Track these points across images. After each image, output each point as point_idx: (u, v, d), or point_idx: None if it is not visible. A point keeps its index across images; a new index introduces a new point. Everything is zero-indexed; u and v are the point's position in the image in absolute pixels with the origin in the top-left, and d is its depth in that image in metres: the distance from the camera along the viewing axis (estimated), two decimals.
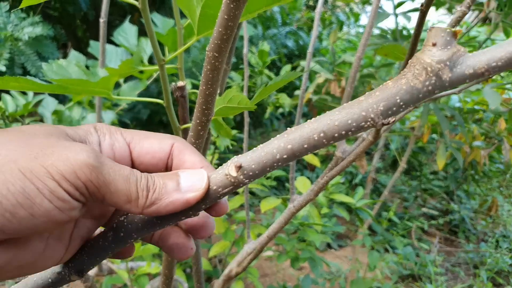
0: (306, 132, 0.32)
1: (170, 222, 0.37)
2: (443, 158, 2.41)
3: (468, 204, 3.51)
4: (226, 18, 0.50)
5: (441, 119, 2.16)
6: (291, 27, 3.75)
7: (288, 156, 0.33)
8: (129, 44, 1.39)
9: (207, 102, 0.59)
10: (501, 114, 2.59)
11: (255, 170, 0.33)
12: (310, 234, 1.54)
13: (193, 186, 0.34)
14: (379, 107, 0.30)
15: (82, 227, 0.39)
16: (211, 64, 0.55)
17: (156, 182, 0.34)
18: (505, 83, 2.20)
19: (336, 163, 1.07)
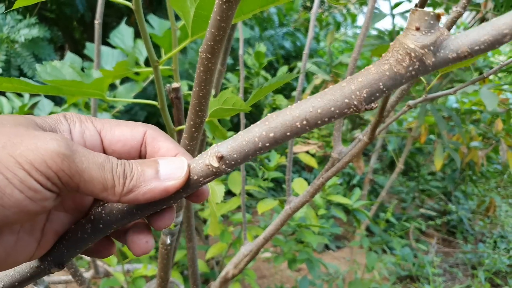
0: (288, 120, 0.32)
1: (149, 211, 0.36)
2: (440, 159, 2.41)
3: (466, 205, 3.51)
4: (219, 19, 0.50)
5: (439, 119, 2.16)
6: (288, 28, 3.75)
7: (270, 144, 0.33)
8: (125, 46, 1.39)
9: (200, 104, 0.58)
10: (498, 115, 2.60)
11: (237, 159, 0.33)
12: (307, 235, 1.54)
13: (172, 174, 0.33)
14: (362, 93, 0.30)
15: (55, 220, 0.38)
16: (204, 65, 0.55)
17: (134, 169, 0.33)
18: (502, 84, 2.20)
19: (333, 164, 1.07)
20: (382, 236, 2.77)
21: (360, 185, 3.40)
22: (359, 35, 1.03)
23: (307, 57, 1.18)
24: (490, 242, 2.86)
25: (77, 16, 2.83)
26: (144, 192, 0.33)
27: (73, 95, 0.74)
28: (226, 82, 2.40)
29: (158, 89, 0.75)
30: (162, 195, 0.33)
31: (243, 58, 1.17)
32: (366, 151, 4.07)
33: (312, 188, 1.03)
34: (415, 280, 2.58)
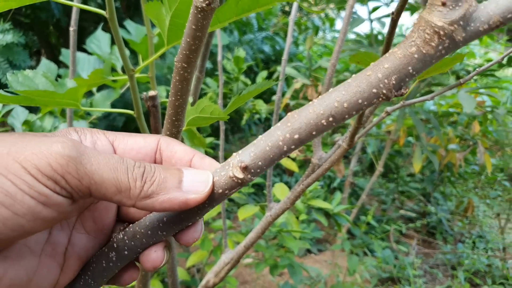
0: (312, 119, 0.30)
1: (175, 230, 0.34)
2: (419, 161, 2.44)
3: (445, 206, 3.56)
4: (194, 28, 0.49)
5: (417, 122, 2.19)
6: (268, 32, 3.76)
7: (295, 146, 0.31)
8: (102, 52, 1.37)
9: (177, 114, 0.57)
10: (475, 117, 2.64)
11: (262, 166, 0.31)
12: (288, 241, 1.53)
13: (196, 187, 0.32)
14: (391, 81, 0.28)
15: (76, 243, 0.36)
16: (180, 74, 0.54)
17: (156, 174, 0.32)
18: (479, 87, 2.24)
19: (313, 170, 1.07)
20: (363, 239, 2.79)
21: (341, 188, 3.42)
22: (337, 41, 1.03)
23: (286, 62, 1.17)
24: (469, 242, 2.90)
25: (52, 20, 2.78)
26: (162, 201, 0.31)
27: (46, 105, 0.73)
28: (205, 87, 2.39)
29: (133, 97, 0.74)
30: (181, 207, 0.32)
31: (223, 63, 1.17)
32: (346, 154, 4.09)
33: (292, 195, 1.03)
34: (396, 282, 2.60)
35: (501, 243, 3.02)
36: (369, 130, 0.93)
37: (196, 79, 0.96)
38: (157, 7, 0.65)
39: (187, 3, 0.58)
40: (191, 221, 0.34)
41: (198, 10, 0.48)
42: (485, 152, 2.51)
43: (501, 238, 3.05)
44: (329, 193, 3.37)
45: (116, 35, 0.69)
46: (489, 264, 2.84)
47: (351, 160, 2.96)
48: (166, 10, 0.64)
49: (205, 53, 0.94)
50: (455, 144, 2.74)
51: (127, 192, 0.30)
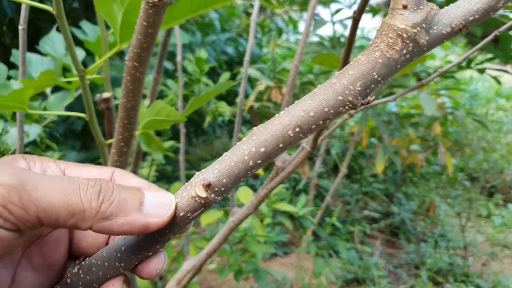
0: (278, 130, 0.28)
1: (134, 261, 0.31)
2: (382, 162, 2.47)
3: (408, 206, 3.63)
4: (146, 25, 0.46)
5: (379, 124, 2.21)
6: (231, 33, 3.73)
7: (262, 161, 0.29)
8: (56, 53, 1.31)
9: (129, 116, 0.54)
10: (436, 118, 2.70)
11: (227, 184, 0.29)
12: (253, 245, 1.51)
13: (158, 211, 0.29)
14: (356, 87, 0.27)
15: (22, 282, 0.33)
16: (131, 74, 0.50)
17: (115, 194, 0.29)
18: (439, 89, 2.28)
19: (277, 173, 1.04)
20: (328, 240, 2.79)
21: (306, 190, 3.42)
22: (300, 43, 1.02)
23: (249, 63, 1.15)
24: (431, 241, 2.96)
25: (5, 20, 2.65)
26: (121, 223, 0.28)
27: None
28: (166, 89, 2.33)
29: (85, 100, 0.70)
30: (141, 231, 0.29)
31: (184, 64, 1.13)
32: (310, 156, 4.12)
33: (256, 200, 1.00)
34: (361, 283, 2.62)
35: (462, 241, 3.10)
36: (332, 132, 0.91)
37: (154, 80, 0.92)
38: (109, 3, 0.61)
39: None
40: (151, 250, 0.31)
41: (150, 5, 0.45)
42: (446, 152, 2.57)
43: (462, 237, 3.13)
44: (294, 195, 3.38)
45: (64, 33, 0.64)
46: (450, 262, 2.91)
47: (316, 162, 2.97)
48: (118, 6, 0.60)
49: (163, 53, 0.90)
50: (417, 145, 2.79)
51: (81, 214, 0.27)
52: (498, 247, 2.99)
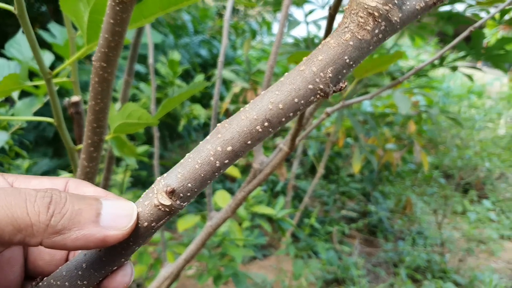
0: (245, 126, 0.26)
1: (98, 277, 0.29)
2: (358, 162, 2.48)
3: (384, 204, 3.66)
4: (113, 23, 0.43)
5: (355, 124, 2.22)
6: (204, 35, 3.70)
7: (230, 160, 0.26)
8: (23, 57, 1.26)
9: (98, 119, 0.51)
10: (411, 117, 2.73)
11: (193, 189, 0.26)
12: (232, 250, 1.48)
13: (117, 222, 0.27)
14: (327, 74, 0.25)
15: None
16: (99, 75, 0.48)
17: (68, 205, 0.26)
18: (412, 88, 2.31)
19: (254, 175, 1.03)
20: (307, 241, 2.79)
21: (284, 191, 3.42)
22: (274, 43, 1.01)
23: (223, 64, 1.13)
24: (409, 239, 3.00)
25: None
26: (75, 238, 0.25)
27: None
28: (138, 92, 2.28)
29: (52, 103, 0.67)
30: (98, 245, 0.26)
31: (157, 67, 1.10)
32: (288, 157, 4.12)
33: (233, 203, 0.98)
34: (341, 283, 2.62)
35: (439, 238, 3.14)
36: (309, 132, 0.90)
37: (125, 83, 0.89)
38: (74, 2, 0.58)
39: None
40: (115, 264, 0.29)
41: (116, 2, 0.42)
42: (421, 150, 2.59)
43: (439, 234, 3.17)
44: (272, 197, 3.37)
45: (28, 34, 0.61)
46: (428, 259, 2.94)
47: (293, 163, 2.97)
48: (84, 5, 0.58)
49: (133, 54, 0.87)
50: (392, 144, 2.82)
51: (28, 229, 0.24)
52: (474, 242, 3.04)
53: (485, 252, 3.42)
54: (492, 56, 2.03)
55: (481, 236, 3.10)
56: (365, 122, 2.72)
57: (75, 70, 0.78)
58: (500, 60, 2.03)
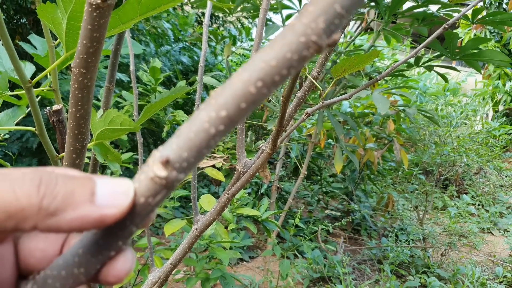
0: (238, 89, 0.24)
1: (96, 264, 0.27)
2: (340, 162, 2.51)
3: (367, 203, 3.71)
4: (90, 28, 0.44)
5: (335, 124, 2.25)
6: (185, 43, 3.71)
7: (225, 126, 0.25)
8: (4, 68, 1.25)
9: (79, 126, 0.52)
10: (389, 116, 2.77)
11: (189, 158, 0.25)
12: (219, 252, 1.49)
13: (113, 200, 0.25)
14: (318, 25, 0.23)
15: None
16: (79, 82, 0.49)
17: (60, 185, 0.25)
18: (391, 88, 2.35)
19: (238, 178, 1.04)
20: (293, 242, 2.81)
21: (268, 193, 3.44)
22: (253, 47, 1.02)
23: (203, 69, 1.14)
24: (392, 236, 3.04)
25: None
26: (70, 219, 0.24)
27: None
28: (121, 100, 2.28)
29: (33, 113, 0.67)
30: (94, 225, 0.25)
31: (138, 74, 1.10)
32: (271, 160, 4.14)
33: (218, 206, 0.99)
34: (327, 281, 2.65)
35: (421, 234, 3.20)
36: (290, 133, 0.92)
37: (106, 90, 0.90)
38: (51, 9, 0.59)
39: (83, 3, 0.53)
40: (113, 248, 0.27)
41: (93, 7, 0.43)
42: (400, 148, 2.64)
43: (421, 229, 3.23)
44: (257, 199, 3.38)
45: (6, 43, 0.62)
46: (412, 255, 2.99)
47: (276, 166, 2.99)
48: (62, 12, 0.58)
49: (114, 62, 0.88)
50: (372, 143, 2.86)
51: (20, 214, 0.23)
52: (455, 237, 3.10)
53: (467, 245, 3.49)
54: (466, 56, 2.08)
55: (462, 230, 3.16)
56: (345, 122, 2.75)
57: (55, 78, 0.78)
58: (474, 59, 2.08)
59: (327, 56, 0.92)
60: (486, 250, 3.60)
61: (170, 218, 1.66)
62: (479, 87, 5.99)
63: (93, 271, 0.28)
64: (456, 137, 3.53)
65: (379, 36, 2.33)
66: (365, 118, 3.23)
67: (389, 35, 2.36)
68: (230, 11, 2.25)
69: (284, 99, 0.76)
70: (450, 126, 3.61)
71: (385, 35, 2.38)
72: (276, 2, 2.39)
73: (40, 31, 2.89)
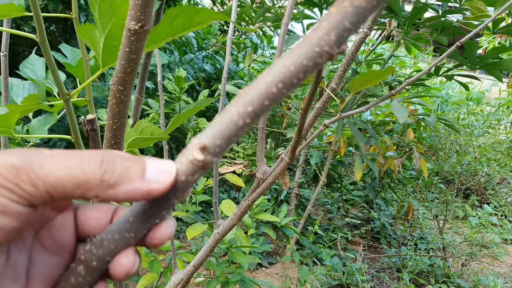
0: (263, 88, 0.29)
1: (144, 229, 0.33)
2: (360, 170, 2.53)
3: (387, 211, 3.70)
4: (128, 51, 0.49)
5: (355, 132, 2.27)
6: (208, 51, 3.78)
7: (250, 119, 0.30)
8: (36, 77, 1.32)
9: (115, 137, 0.57)
10: (410, 125, 2.78)
11: (221, 145, 0.30)
12: (238, 256, 1.53)
13: (160, 178, 0.31)
14: (330, 37, 0.28)
15: (38, 264, 0.35)
16: (117, 98, 0.54)
17: (118, 164, 0.31)
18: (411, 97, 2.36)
19: (258, 185, 1.08)
20: (311, 249, 2.84)
21: (288, 200, 3.46)
22: (274, 58, 1.07)
23: (226, 80, 1.19)
24: (411, 244, 3.03)
25: None
26: (125, 191, 0.31)
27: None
28: (147, 108, 2.35)
29: (70, 122, 0.73)
30: (144, 197, 0.31)
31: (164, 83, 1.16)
32: (291, 166, 4.17)
33: (239, 211, 1.04)
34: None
35: (441, 243, 3.17)
36: (309, 143, 0.96)
37: (136, 101, 0.95)
38: (90, 29, 0.64)
39: (120, 25, 0.58)
40: (158, 217, 0.33)
41: (131, 32, 0.48)
42: (420, 157, 2.64)
43: (441, 239, 3.20)
44: (276, 206, 3.41)
45: (48, 59, 0.68)
46: (431, 264, 2.97)
47: (296, 173, 3.02)
48: (100, 32, 0.64)
49: (144, 74, 0.94)
50: (393, 152, 2.86)
51: (86, 185, 0.30)
52: (476, 247, 3.07)
53: (488, 256, 3.44)
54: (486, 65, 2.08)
55: (483, 240, 3.13)
56: (365, 130, 2.77)
57: (89, 89, 0.84)
58: (494, 68, 2.08)
59: (345, 69, 0.96)
60: (508, 261, 3.55)
61: (192, 222, 1.71)
62: (503, 96, 5.90)
63: (141, 235, 0.33)
64: (477, 146, 3.50)
65: (399, 46, 2.35)
66: (386, 126, 3.23)
67: (410, 44, 2.38)
68: (252, 21, 2.31)
69: (303, 112, 0.80)
70: (472, 135, 3.59)
71: (406, 44, 2.40)
72: (298, 12, 2.44)
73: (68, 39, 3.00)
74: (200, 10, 0.58)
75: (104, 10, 0.61)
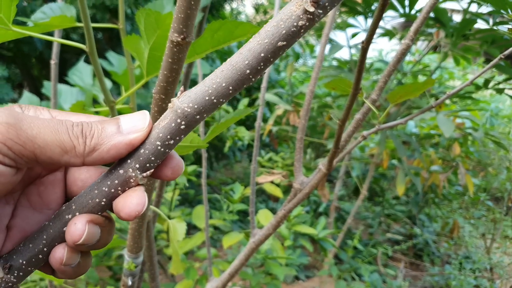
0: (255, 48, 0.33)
1: (124, 186, 0.33)
2: (402, 184, 2.47)
3: (431, 227, 3.58)
4: (171, 62, 0.51)
5: (398, 145, 2.22)
6: None
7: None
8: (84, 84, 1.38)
9: None
10: (456, 139, 2.69)
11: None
12: (274, 267, 1.53)
13: (135, 127, 0.32)
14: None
15: (21, 217, 0.37)
16: (158, 106, 0.55)
17: (94, 127, 0.32)
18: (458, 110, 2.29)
19: (295, 195, 1.08)
20: (350, 263, 2.78)
21: (327, 213, 3.42)
22: (314, 68, 1.06)
23: (265, 90, 1.20)
24: (455, 263, 2.91)
25: (35, 53, 2.79)
26: (108, 149, 0.32)
27: None
28: None
29: None
30: (127, 149, 0.32)
31: None
32: (331, 178, 4.12)
33: (275, 221, 1.03)
34: None
35: (488, 263, 3.03)
36: (346, 154, 0.95)
37: None
38: (136, 40, 0.67)
39: (164, 37, 0.60)
40: (161, 158, 0.33)
41: (174, 44, 0.50)
42: (466, 173, 2.55)
43: (488, 258, 3.06)
44: (315, 218, 3.38)
45: (96, 68, 0.70)
46: (476, 284, 2.84)
47: (336, 184, 2.98)
48: (145, 43, 0.66)
49: (185, 83, 0.96)
50: (438, 166, 2.78)
51: (72, 151, 0.31)
52: None
53: None
54: None
55: None
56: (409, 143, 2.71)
57: (134, 97, 0.87)
58: None
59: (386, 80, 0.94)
60: None
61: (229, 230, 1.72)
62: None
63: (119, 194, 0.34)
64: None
65: (446, 57, 2.29)
66: (431, 140, 3.15)
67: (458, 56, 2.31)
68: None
69: (341, 123, 0.79)
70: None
71: (454, 56, 2.34)
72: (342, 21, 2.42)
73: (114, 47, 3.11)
74: (240, 24, 0.59)
75: (150, 22, 0.63)
